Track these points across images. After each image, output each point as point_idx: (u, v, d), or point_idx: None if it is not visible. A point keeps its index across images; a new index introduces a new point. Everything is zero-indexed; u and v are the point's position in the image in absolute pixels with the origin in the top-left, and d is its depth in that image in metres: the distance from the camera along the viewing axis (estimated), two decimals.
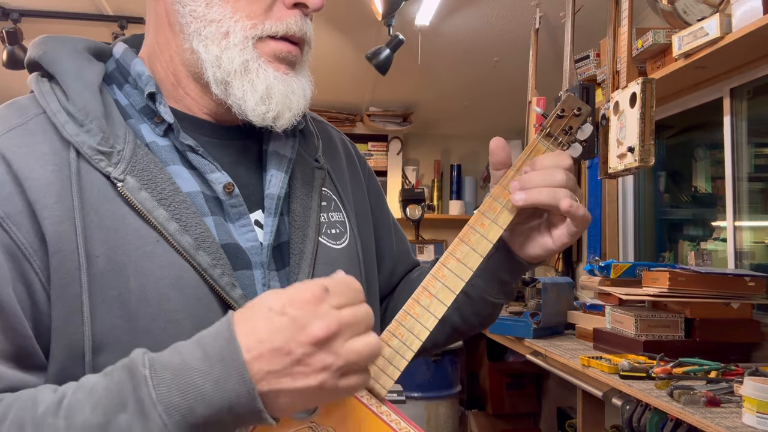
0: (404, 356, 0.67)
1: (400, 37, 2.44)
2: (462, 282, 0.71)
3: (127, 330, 0.64)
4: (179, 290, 0.66)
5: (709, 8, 1.83)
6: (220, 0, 0.70)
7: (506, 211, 0.75)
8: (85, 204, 0.65)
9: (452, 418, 3.58)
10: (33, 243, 0.63)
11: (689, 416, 1.39)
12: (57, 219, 0.63)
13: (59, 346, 0.63)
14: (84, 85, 0.70)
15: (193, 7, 0.71)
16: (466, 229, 0.74)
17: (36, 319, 0.63)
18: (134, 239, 0.65)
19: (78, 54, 0.73)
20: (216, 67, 0.71)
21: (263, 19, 0.71)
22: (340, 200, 0.85)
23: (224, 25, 0.70)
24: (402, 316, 0.69)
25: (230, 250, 0.70)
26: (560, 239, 0.77)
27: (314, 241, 0.77)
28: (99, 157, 0.66)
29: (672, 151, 2.93)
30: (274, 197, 0.75)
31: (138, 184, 0.66)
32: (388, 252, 0.95)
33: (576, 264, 3.46)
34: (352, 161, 0.94)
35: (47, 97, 0.69)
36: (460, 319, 0.88)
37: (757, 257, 2.25)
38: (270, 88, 0.71)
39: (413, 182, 4.41)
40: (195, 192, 0.71)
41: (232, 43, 0.70)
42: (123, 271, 0.64)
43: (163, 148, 0.72)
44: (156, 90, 0.73)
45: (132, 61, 0.76)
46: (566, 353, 2.13)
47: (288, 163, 0.78)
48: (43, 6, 2.65)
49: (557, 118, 0.78)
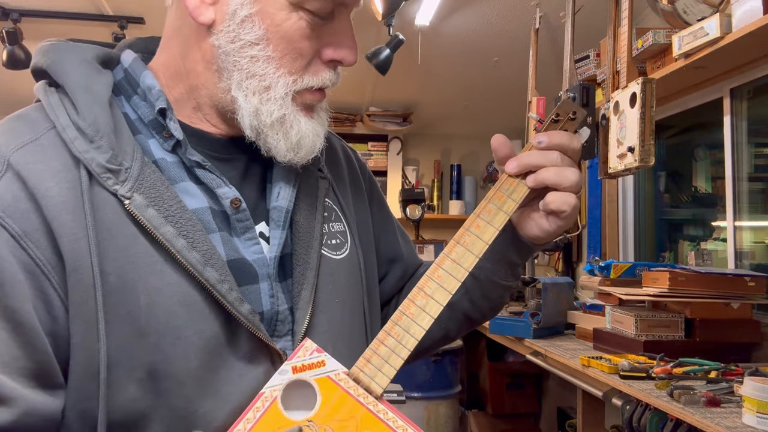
0: (400, 355, 0.67)
1: (400, 37, 2.44)
2: (458, 282, 0.71)
3: (137, 346, 0.64)
4: (187, 307, 0.66)
5: (709, 8, 1.83)
6: (264, 56, 0.71)
7: (502, 212, 0.75)
8: (98, 222, 0.65)
9: (452, 418, 3.58)
10: (51, 260, 0.63)
11: (689, 416, 1.39)
12: (74, 237, 0.64)
13: (77, 363, 0.64)
14: (94, 99, 0.69)
15: (236, 58, 0.71)
16: (462, 231, 0.74)
17: (55, 335, 0.64)
18: (144, 257, 0.66)
19: (87, 64, 0.73)
20: (253, 117, 0.72)
21: (302, 74, 0.73)
22: (341, 210, 0.86)
23: (266, 80, 0.71)
24: (398, 316, 0.69)
25: (237, 264, 0.71)
26: (555, 222, 0.78)
27: (318, 252, 0.77)
28: (107, 175, 0.66)
29: (672, 151, 2.93)
30: (282, 210, 0.76)
31: (145, 201, 0.66)
32: (398, 255, 0.96)
33: (576, 264, 3.46)
34: (354, 169, 0.95)
35: (57, 111, 0.69)
36: (470, 304, 0.89)
37: (757, 257, 2.25)
38: (301, 139, 0.74)
39: (413, 182, 4.41)
40: (203, 208, 0.71)
41: (273, 98, 0.72)
42: (133, 288, 0.65)
43: (171, 165, 0.72)
44: (167, 105, 0.73)
45: (142, 73, 0.75)
46: (566, 353, 2.13)
47: (296, 177, 0.79)
48: (43, 6, 2.65)
49: (553, 123, 0.78)
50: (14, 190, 0.64)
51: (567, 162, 0.76)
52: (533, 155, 0.76)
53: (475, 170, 4.64)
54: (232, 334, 0.69)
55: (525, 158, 0.76)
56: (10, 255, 0.62)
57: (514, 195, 0.76)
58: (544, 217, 0.79)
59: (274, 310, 0.72)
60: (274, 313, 0.72)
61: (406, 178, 4.40)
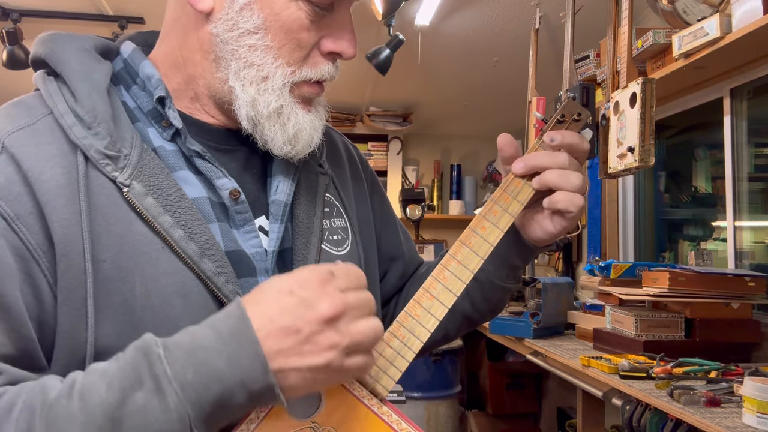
0: (405, 357, 0.68)
1: (400, 37, 2.44)
2: (463, 284, 0.71)
3: (131, 336, 0.63)
4: (183, 297, 0.66)
5: (709, 8, 1.83)
6: (263, 46, 0.70)
7: (507, 214, 0.75)
8: (93, 208, 0.64)
9: (452, 418, 3.58)
10: (42, 245, 0.63)
11: (689, 416, 1.39)
12: (66, 222, 0.63)
13: (62, 350, 0.63)
14: (92, 87, 0.69)
15: (234, 47, 0.71)
16: (468, 232, 0.74)
17: (41, 321, 0.63)
18: (141, 245, 0.65)
19: (86, 53, 0.72)
20: (250, 107, 0.71)
21: (301, 66, 0.72)
22: (343, 206, 0.85)
23: (264, 70, 0.71)
24: (403, 317, 0.69)
25: (235, 257, 0.70)
26: (560, 223, 0.78)
27: (317, 247, 0.77)
28: (105, 161, 0.66)
29: (672, 151, 2.93)
30: (281, 204, 0.75)
31: (144, 189, 0.66)
32: (399, 253, 0.96)
33: (576, 264, 3.46)
34: (355, 165, 0.94)
35: (55, 98, 0.68)
36: (470, 306, 0.89)
37: (757, 257, 2.25)
38: (298, 132, 0.73)
39: (413, 182, 4.41)
40: (202, 198, 0.71)
41: (271, 88, 0.71)
42: (129, 276, 0.64)
43: (170, 153, 0.72)
44: (166, 94, 0.72)
45: (141, 63, 0.75)
46: (566, 353, 2.13)
47: (295, 171, 0.78)
48: (43, 6, 2.65)
49: (557, 123, 0.78)
50: (8, 173, 0.64)
51: (574, 165, 0.76)
52: (540, 156, 0.76)
53: (475, 170, 4.64)
54: None
55: (531, 159, 0.76)
56: (1, 237, 0.62)
57: (519, 197, 0.76)
58: (548, 218, 0.79)
59: None
60: None
61: (406, 178, 4.40)
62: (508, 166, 0.78)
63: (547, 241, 0.81)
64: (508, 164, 0.78)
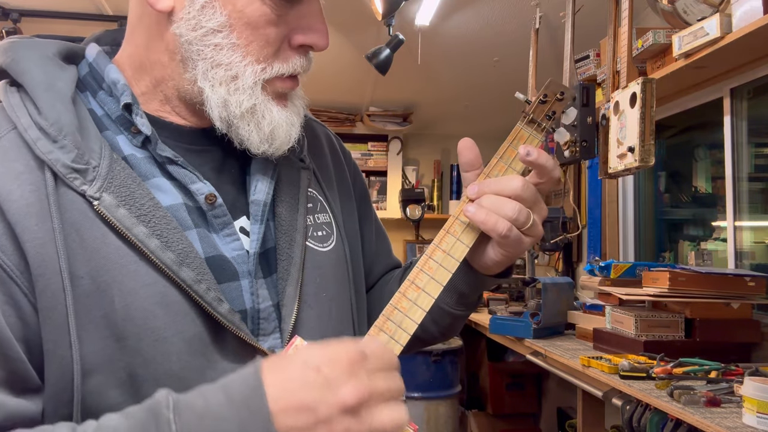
0: (393, 351, 0.67)
1: (400, 37, 2.44)
2: (449, 273, 0.70)
3: (116, 350, 0.62)
4: (165, 307, 0.64)
5: (709, 8, 1.83)
6: (229, 44, 0.68)
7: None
8: (66, 224, 0.62)
9: (452, 418, 3.58)
10: (18, 265, 0.61)
11: (689, 416, 1.39)
12: (39, 242, 0.61)
13: (51, 369, 0.62)
14: (56, 97, 0.66)
15: (199, 47, 0.68)
16: (451, 220, 0.73)
17: (28, 340, 0.61)
18: (116, 258, 0.63)
19: (48, 61, 0.69)
20: (222, 108, 0.69)
21: (272, 62, 0.70)
22: (326, 200, 0.83)
23: (233, 69, 0.68)
24: (389, 310, 0.69)
25: (216, 262, 0.69)
26: (498, 250, 0.75)
27: (302, 245, 0.75)
28: (73, 176, 0.63)
29: (672, 151, 2.93)
30: (260, 204, 0.73)
31: (115, 201, 0.64)
32: (366, 251, 0.92)
33: (576, 264, 3.46)
34: (338, 157, 0.91)
35: (18, 111, 0.65)
36: (419, 328, 0.85)
37: (757, 257, 2.25)
38: (274, 129, 0.71)
39: (413, 182, 4.41)
40: (177, 204, 0.69)
41: (242, 87, 0.69)
42: (107, 291, 0.62)
43: (141, 161, 0.69)
44: (133, 100, 0.70)
45: (106, 67, 0.72)
46: (566, 353, 2.13)
47: (274, 168, 0.76)
48: (43, 6, 2.65)
49: (540, 104, 0.76)
50: None
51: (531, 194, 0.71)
52: (490, 197, 0.71)
53: None
54: (216, 334, 0.66)
55: (485, 189, 0.72)
56: None
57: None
58: (492, 246, 0.75)
59: (255, 308, 0.70)
60: (255, 311, 0.70)
61: (406, 178, 4.40)
62: (466, 172, 0.76)
63: (494, 269, 0.78)
64: (465, 171, 0.76)
